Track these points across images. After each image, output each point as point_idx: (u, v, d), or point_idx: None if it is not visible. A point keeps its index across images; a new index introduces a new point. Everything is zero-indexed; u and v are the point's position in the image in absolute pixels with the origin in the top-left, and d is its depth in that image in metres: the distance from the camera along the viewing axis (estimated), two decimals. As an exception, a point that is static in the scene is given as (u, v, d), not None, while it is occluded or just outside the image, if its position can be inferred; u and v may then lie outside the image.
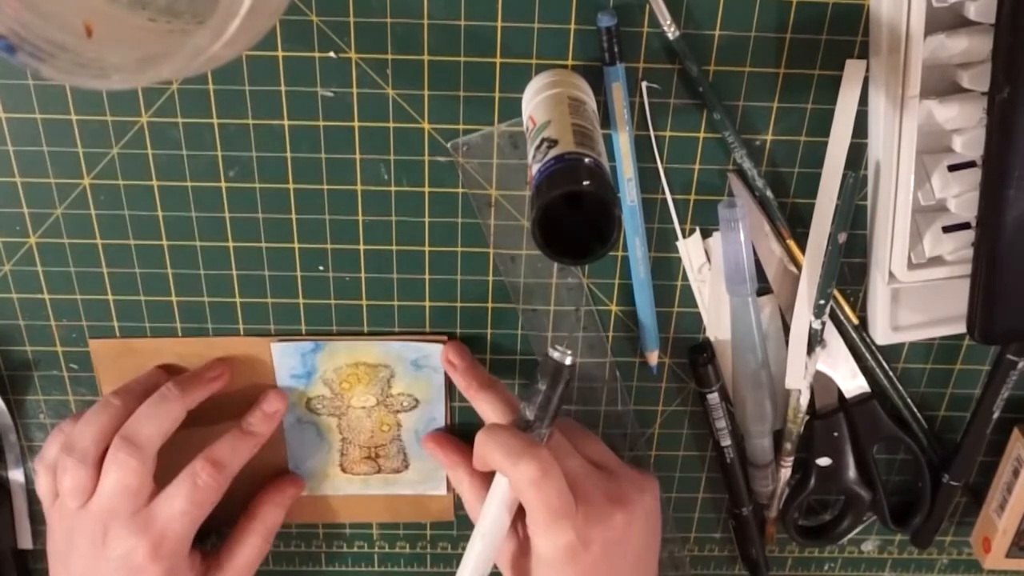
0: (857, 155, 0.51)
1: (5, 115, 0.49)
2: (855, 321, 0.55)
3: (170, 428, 0.53)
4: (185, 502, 0.52)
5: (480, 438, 0.50)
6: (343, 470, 0.61)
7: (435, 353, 0.56)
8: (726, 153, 0.51)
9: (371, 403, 0.58)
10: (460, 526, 0.63)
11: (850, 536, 0.63)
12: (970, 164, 0.49)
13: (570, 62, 0.48)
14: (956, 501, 0.63)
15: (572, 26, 0.47)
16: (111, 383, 0.56)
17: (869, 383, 0.57)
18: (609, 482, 0.52)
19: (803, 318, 0.54)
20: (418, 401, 0.58)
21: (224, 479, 0.53)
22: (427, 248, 0.53)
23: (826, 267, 0.51)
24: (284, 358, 0.56)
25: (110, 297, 0.54)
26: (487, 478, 0.52)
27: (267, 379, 0.57)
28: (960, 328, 0.52)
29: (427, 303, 0.55)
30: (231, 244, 0.53)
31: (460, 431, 0.59)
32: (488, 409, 0.53)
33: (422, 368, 0.57)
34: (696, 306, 0.55)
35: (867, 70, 0.49)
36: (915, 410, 0.59)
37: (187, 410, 0.53)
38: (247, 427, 0.56)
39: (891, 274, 0.51)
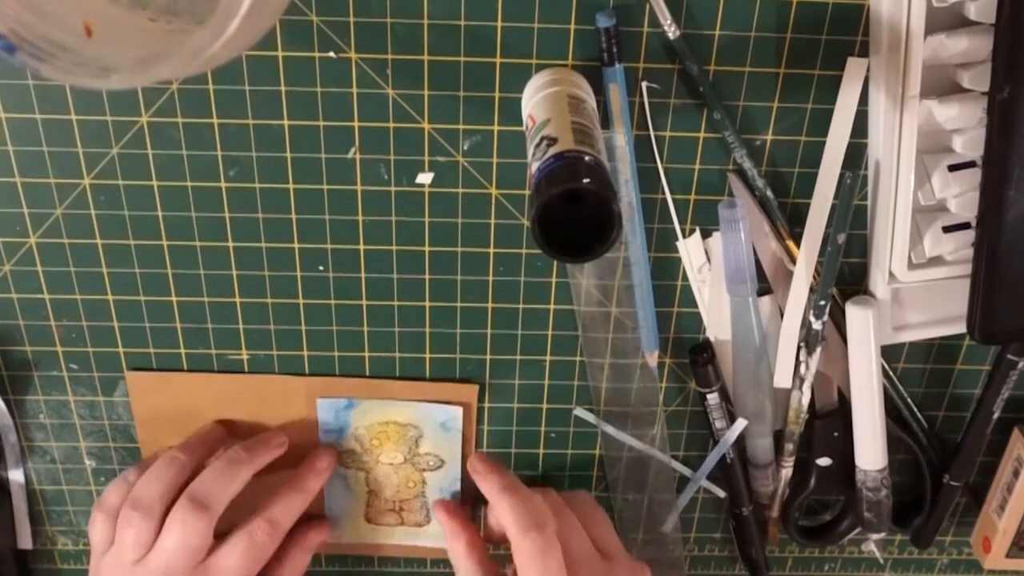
0: (857, 155, 0.51)
1: (5, 115, 0.49)
2: (855, 321, 0.55)
3: (237, 490, 0.54)
4: (242, 558, 0.53)
5: (497, 497, 0.52)
6: (368, 520, 0.62)
7: (460, 414, 0.58)
8: (726, 153, 0.51)
9: (399, 460, 0.60)
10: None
11: (850, 536, 0.63)
12: (970, 164, 0.49)
13: (570, 62, 0.48)
14: (956, 501, 0.63)
15: (572, 26, 0.47)
16: (145, 415, 0.58)
17: (869, 383, 0.57)
18: (607, 571, 0.53)
19: (795, 317, 0.53)
20: (443, 461, 0.60)
21: (279, 536, 0.55)
22: (427, 248, 0.53)
23: (826, 267, 0.51)
24: (319, 414, 0.58)
25: (110, 297, 0.54)
26: (482, 554, 0.55)
27: (301, 414, 0.58)
28: (960, 328, 0.52)
29: (427, 303, 0.55)
30: (231, 244, 0.53)
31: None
32: (504, 515, 0.52)
33: (449, 430, 0.59)
34: (696, 306, 0.55)
35: (867, 69, 0.49)
36: (915, 410, 0.59)
37: (253, 473, 0.55)
38: (299, 484, 0.57)
39: (891, 274, 0.51)
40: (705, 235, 0.53)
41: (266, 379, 0.57)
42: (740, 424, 0.57)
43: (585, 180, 0.40)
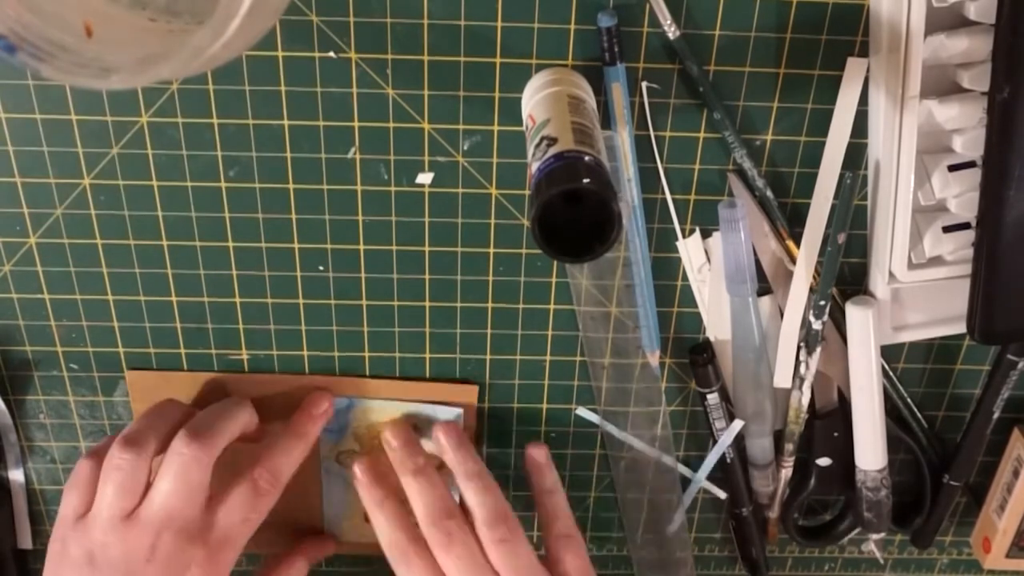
0: (857, 155, 0.51)
1: (5, 115, 0.49)
2: (855, 321, 0.55)
3: (236, 431, 0.51)
4: (247, 509, 0.50)
5: (464, 482, 0.53)
6: (367, 520, 0.62)
7: (461, 416, 0.58)
8: (726, 153, 0.51)
9: None
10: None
11: (850, 536, 0.63)
12: (970, 164, 0.49)
13: (570, 62, 0.48)
14: (956, 501, 0.63)
15: (572, 26, 0.47)
16: None
17: (869, 383, 0.57)
18: None
19: (795, 317, 0.53)
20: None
21: (281, 485, 0.52)
22: (427, 248, 0.53)
23: (826, 267, 0.51)
24: None
25: (110, 297, 0.54)
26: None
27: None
28: (960, 328, 0.52)
29: (427, 303, 0.55)
30: (231, 244, 0.53)
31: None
32: (472, 499, 0.53)
33: None
34: (696, 306, 0.55)
35: (867, 69, 0.49)
36: (915, 410, 0.59)
37: (248, 421, 0.53)
38: (297, 430, 0.54)
39: (891, 274, 0.51)
40: (705, 235, 0.53)
41: (266, 378, 0.57)
42: (736, 425, 0.57)
43: (585, 180, 0.40)
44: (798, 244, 0.53)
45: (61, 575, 0.49)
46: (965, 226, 0.50)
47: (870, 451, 0.57)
